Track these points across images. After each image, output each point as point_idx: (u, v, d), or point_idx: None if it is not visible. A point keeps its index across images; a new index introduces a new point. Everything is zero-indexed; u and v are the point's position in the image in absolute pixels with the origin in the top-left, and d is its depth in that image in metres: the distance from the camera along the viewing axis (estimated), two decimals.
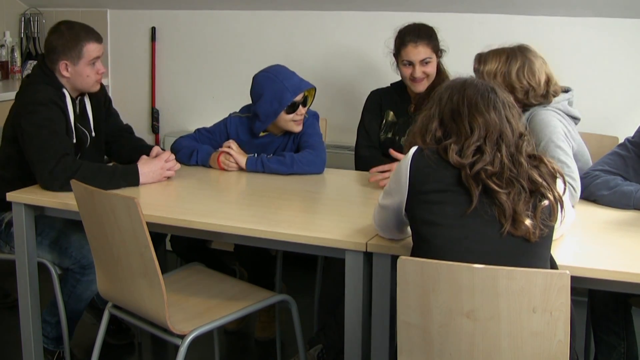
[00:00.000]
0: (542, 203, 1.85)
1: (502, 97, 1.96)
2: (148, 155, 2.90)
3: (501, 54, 2.63)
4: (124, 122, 3.20)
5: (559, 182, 1.93)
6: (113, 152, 3.12)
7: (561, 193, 1.91)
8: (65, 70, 2.81)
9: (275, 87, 2.96)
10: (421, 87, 3.16)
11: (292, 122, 3.02)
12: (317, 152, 3.01)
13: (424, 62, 3.12)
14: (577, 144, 2.67)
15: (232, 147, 2.99)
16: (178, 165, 2.89)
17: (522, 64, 2.61)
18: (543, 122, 2.59)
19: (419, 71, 3.12)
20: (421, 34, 3.12)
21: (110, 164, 3.01)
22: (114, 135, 3.11)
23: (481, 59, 2.65)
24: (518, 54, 2.62)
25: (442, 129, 1.95)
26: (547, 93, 2.64)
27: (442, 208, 1.87)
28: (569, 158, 2.52)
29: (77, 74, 2.82)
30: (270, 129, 3.10)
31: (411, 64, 3.12)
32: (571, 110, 2.71)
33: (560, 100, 2.68)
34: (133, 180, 2.74)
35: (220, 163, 2.98)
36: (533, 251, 1.84)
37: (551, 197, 1.87)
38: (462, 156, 1.88)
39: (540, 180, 1.87)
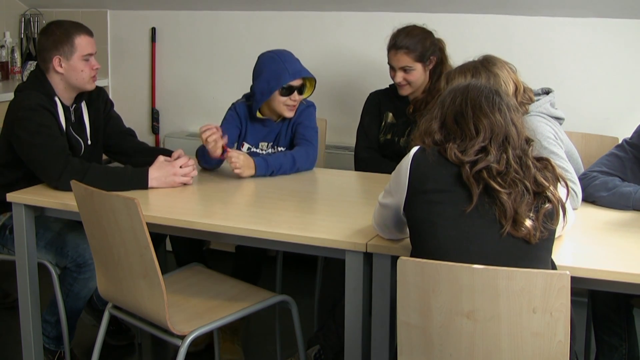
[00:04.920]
0: (545, 206, 1.85)
1: (506, 100, 1.95)
2: (165, 155, 2.85)
3: (466, 71, 2.55)
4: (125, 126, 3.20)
5: (561, 187, 1.92)
6: (117, 155, 3.11)
7: (564, 198, 1.90)
8: (59, 66, 2.80)
9: (275, 67, 2.99)
10: (404, 91, 3.18)
11: (284, 105, 3.03)
12: (311, 149, 3.05)
13: (404, 70, 3.13)
14: (565, 145, 2.66)
15: (240, 159, 2.89)
16: (195, 172, 2.82)
17: (486, 79, 2.52)
18: (530, 129, 2.54)
19: (399, 77, 3.14)
20: (403, 41, 3.11)
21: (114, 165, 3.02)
22: (116, 138, 3.09)
23: (448, 78, 2.58)
24: (482, 69, 2.55)
25: (444, 132, 1.94)
26: (518, 103, 2.57)
27: (441, 208, 1.87)
28: (565, 162, 2.51)
29: (70, 69, 2.82)
30: (267, 113, 3.11)
31: (394, 68, 3.14)
32: (554, 111, 2.68)
33: (542, 104, 2.64)
34: (141, 184, 2.71)
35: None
36: (533, 254, 1.84)
37: (555, 201, 1.86)
38: (463, 154, 1.88)
39: (546, 183, 1.86)
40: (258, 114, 3.09)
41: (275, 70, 2.98)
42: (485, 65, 2.56)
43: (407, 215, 1.97)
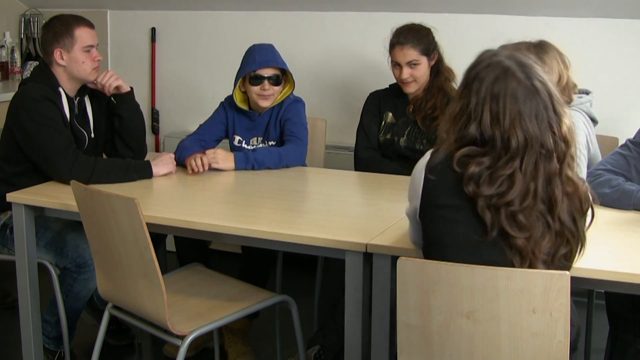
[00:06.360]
0: (563, 250, 1.76)
1: (547, 89, 1.74)
2: None
3: (518, 49, 2.60)
4: None
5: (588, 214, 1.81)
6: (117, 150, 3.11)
7: (587, 226, 1.80)
8: (60, 59, 2.83)
9: (247, 57, 3.13)
10: (409, 88, 3.18)
11: (257, 95, 3.12)
12: (299, 145, 3.10)
13: (411, 65, 3.13)
14: (594, 147, 2.70)
15: (218, 154, 2.98)
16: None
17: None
18: None
19: (405, 73, 3.13)
20: (408, 36, 3.12)
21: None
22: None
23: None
24: (533, 51, 2.58)
25: (479, 134, 1.73)
26: None
27: (453, 228, 1.78)
28: (580, 167, 2.54)
29: (72, 60, 2.83)
30: (252, 105, 3.21)
31: (399, 65, 3.13)
32: (592, 112, 2.74)
33: (584, 102, 2.70)
34: (146, 172, 2.83)
35: (188, 166, 2.96)
36: None
37: (573, 242, 1.76)
38: (483, 185, 1.71)
39: (570, 223, 1.73)
40: (242, 105, 3.18)
41: (246, 60, 3.11)
42: (538, 49, 2.60)
43: (422, 222, 1.89)
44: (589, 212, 1.81)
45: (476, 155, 1.74)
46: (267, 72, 3.08)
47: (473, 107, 1.75)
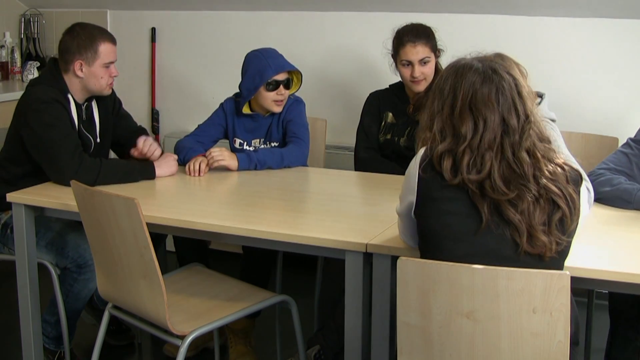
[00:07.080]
0: (557, 215, 1.79)
1: (508, 80, 1.85)
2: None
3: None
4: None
5: (582, 187, 1.84)
6: (126, 152, 3.11)
7: (581, 199, 1.83)
8: (79, 71, 2.81)
9: (258, 63, 3.07)
10: (421, 87, 3.17)
11: (272, 101, 3.09)
12: (302, 145, 3.11)
13: (423, 62, 3.13)
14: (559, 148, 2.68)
15: (224, 153, 2.99)
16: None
17: None
18: None
19: (418, 71, 3.12)
20: (419, 33, 3.13)
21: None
22: (128, 137, 3.09)
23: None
24: None
25: (443, 129, 1.86)
26: None
27: (449, 218, 1.82)
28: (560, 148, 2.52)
29: (91, 74, 2.83)
30: (256, 108, 3.18)
31: (410, 64, 3.13)
32: (551, 114, 2.71)
33: (542, 108, 2.66)
34: (149, 173, 2.86)
35: (188, 170, 2.97)
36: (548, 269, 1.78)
37: (562, 204, 1.80)
38: (463, 172, 1.80)
39: (553, 187, 1.79)
40: (247, 110, 3.17)
41: (259, 67, 3.06)
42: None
43: (417, 218, 1.91)
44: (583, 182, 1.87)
45: (450, 149, 1.83)
46: (281, 76, 3.07)
47: (439, 107, 1.88)
